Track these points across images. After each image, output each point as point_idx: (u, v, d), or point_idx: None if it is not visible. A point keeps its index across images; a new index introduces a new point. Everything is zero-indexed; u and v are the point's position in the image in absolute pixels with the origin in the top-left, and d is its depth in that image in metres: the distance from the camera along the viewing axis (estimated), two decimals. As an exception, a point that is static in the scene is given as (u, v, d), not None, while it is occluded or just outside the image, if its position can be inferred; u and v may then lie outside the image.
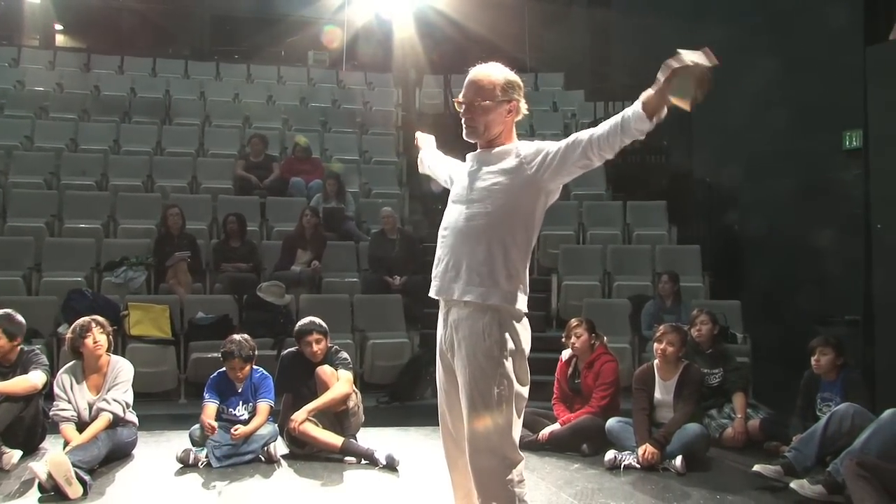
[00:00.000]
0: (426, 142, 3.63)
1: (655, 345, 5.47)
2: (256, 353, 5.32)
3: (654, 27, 11.43)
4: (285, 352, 5.73)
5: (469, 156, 3.11)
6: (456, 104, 3.02)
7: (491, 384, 2.82)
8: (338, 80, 13.98)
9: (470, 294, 2.86)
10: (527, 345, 2.94)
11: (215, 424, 5.02)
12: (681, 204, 10.09)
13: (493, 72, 2.98)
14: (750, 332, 7.77)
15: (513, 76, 3.00)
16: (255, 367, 5.33)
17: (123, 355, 6.00)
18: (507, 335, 2.85)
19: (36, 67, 12.65)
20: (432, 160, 3.53)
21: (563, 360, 5.86)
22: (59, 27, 16.08)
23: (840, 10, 8.28)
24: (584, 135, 2.76)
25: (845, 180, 8.12)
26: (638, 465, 5.05)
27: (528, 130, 11.70)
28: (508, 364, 2.84)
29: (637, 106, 2.59)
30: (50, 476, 4.21)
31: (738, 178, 9.94)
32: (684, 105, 2.49)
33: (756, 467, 4.71)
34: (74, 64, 13.21)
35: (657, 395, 5.44)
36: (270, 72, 13.88)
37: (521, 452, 2.90)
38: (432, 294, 3.04)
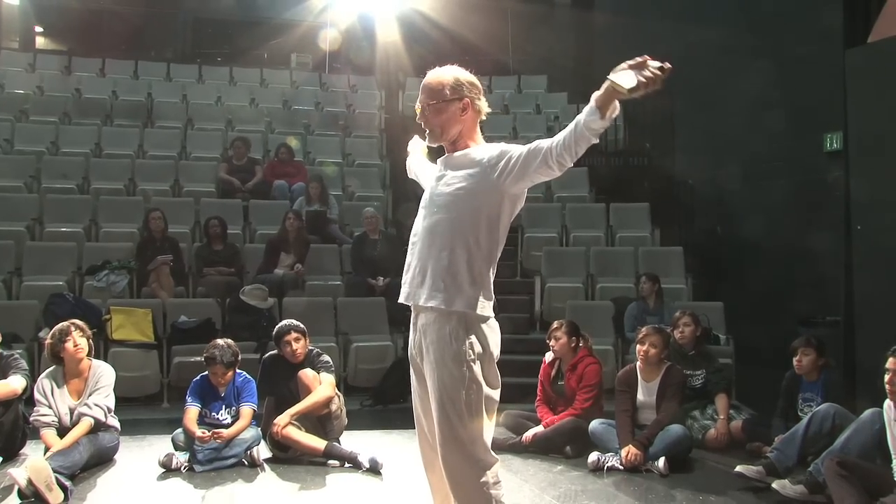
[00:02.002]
0: (415, 147, 3.58)
1: (638, 346, 5.49)
2: (239, 357, 5.30)
3: (637, 28, 11.49)
4: (266, 355, 5.71)
5: (438, 161, 3.10)
6: (416, 110, 3.02)
7: (459, 388, 2.81)
8: (321, 82, 13.95)
9: (434, 300, 2.85)
10: (495, 348, 2.92)
11: (207, 434, 4.98)
12: (664, 206, 10.14)
13: (442, 73, 2.98)
14: (732, 334, 7.82)
15: (464, 75, 2.98)
16: (237, 370, 5.31)
17: (106, 359, 5.98)
18: (474, 339, 2.84)
19: (16, 70, 12.53)
20: (418, 167, 3.49)
21: (547, 362, 5.87)
22: (39, 29, 15.93)
23: (820, 13, 8.36)
24: (545, 143, 2.73)
25: (827, 182, 8.18)
26: (621, 467, 5.06)
27: (512, 133, 11.74)
28: (476, 368, 2.83)
29: (591, 103, 2.58)
30: (30, 482, 4.17)
31: (721, 181, 10.00)
32: (625, 89, 2.46)
33: (738, 468, 4.73)
34: (55, 66, 13.10)
35: (640, 396, 5.46)
36: (253, 74, 13.81)
37: (494, 454, 2.89)
38: (402, 300, 3.03)
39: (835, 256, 7.63)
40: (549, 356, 5.86)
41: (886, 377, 4.16)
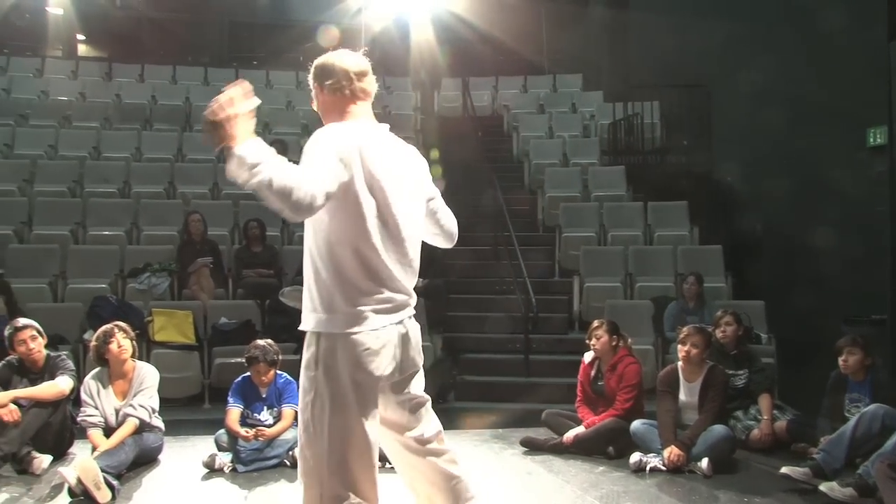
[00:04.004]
0: None
1: (679, 346, 5.42)
2: (280, 357, 5.34)
3: (672, 25, 11.38)
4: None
5: None
6: None
7: (305, 398, 2.55)
8: (356, 84, 13.99)
9: (303, 323, 2.61)
10: (359, 373, 2.51)
11: (250, 432, 5.03)
12: (702, 204, 10.02)
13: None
14: (774, 333, 7.70)
15: (328, 61, 2.84)
16: (279, 372, 5.34)
17: (148, 361, 6.06)
18: (327, 355, 2.51)
19: (59, 77, 12.80)
20: None
21: (586, 362, 5.83)
22: (81, 37, 16.25)
23: (863, 5, 8.21)
24: (296, 174, 2.33)
25: (870, 178, 8.04)
26: (663, 468, 5.02)
27: (548, 132, 11.68)
28: (322, 385, 2.51)
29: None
30: (79, 481, 4.25)
31: (760, 177, 9.87)
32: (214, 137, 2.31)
33: (784, 469, 4.65)
34: (96, 73, 13.37)
35: (682, 396, 5.40)
36: (289, 77, 13.93)
37: (351, 492, 2.50)
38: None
39: (879, 254, 7.49)
40: (588, 356, 5.82)
41: (937, 376, 4.08)
